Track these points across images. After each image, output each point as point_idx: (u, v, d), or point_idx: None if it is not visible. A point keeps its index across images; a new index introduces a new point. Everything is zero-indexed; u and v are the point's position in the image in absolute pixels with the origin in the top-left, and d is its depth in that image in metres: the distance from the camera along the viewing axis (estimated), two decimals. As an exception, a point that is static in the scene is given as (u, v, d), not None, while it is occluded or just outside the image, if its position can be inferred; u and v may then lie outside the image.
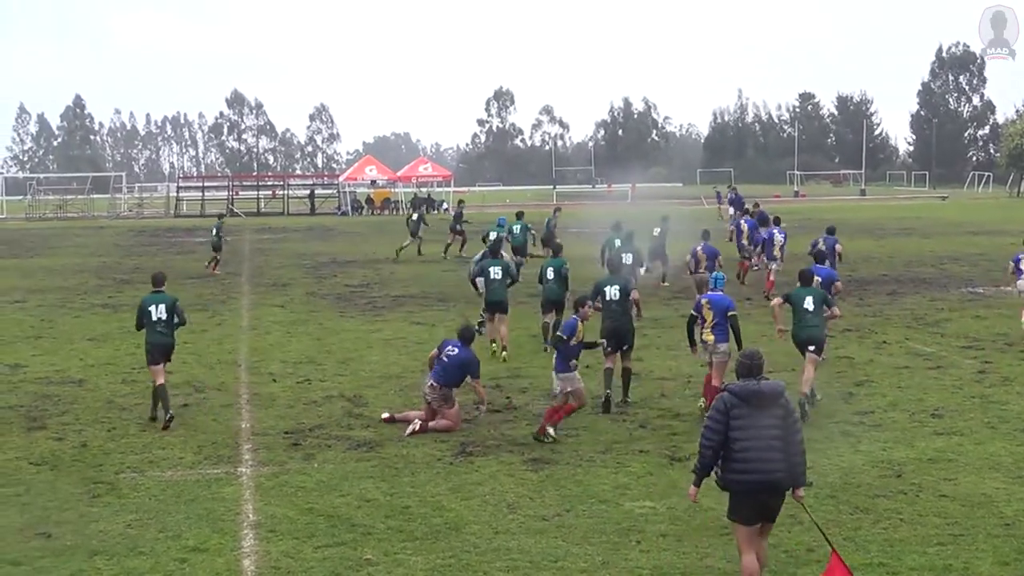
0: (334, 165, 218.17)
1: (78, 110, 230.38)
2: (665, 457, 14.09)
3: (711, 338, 16.08)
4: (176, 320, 16.77)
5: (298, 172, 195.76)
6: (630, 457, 14.13)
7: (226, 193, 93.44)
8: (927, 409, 16.57)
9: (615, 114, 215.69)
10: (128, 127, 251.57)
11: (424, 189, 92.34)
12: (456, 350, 15.97)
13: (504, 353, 21.15)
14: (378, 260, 42.71)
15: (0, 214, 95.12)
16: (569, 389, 15.28)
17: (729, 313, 16.13)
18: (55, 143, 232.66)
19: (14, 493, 12.95)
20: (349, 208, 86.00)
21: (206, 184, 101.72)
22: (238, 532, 11.55)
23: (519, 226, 35.50)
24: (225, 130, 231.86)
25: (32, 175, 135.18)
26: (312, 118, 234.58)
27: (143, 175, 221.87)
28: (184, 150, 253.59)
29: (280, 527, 11.65)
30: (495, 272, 21.85)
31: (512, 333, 22.64)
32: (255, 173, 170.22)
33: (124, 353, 22.17)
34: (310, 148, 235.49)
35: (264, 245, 52.89)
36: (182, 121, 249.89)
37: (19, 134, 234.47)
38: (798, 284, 16.82)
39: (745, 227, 33.62)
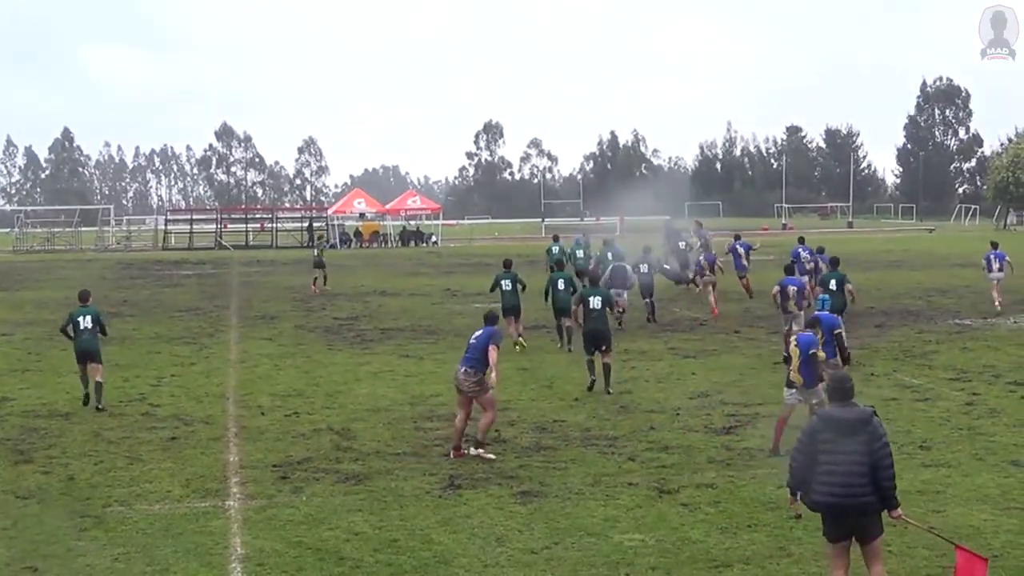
0: (323, 198, 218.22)
1: (67, 143, 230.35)
2: (654, 490, 14.08)
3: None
4: (99, 329, 20.71)
5: (287, 204, 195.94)
6: (619, 490, 14.12)
7: (214, 226, 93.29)
8: (915, 441, 16.59)
9: (603, 147, 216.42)
10: (117, 160, 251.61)
11: (413, 222, 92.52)
12: (480, 332, 16.45)
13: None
14: (367, 292, 42.70)
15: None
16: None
17: (835, 332, 16.99)
18: (43, 176, 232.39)
19: (0, 527, 12.90)
20: (338, 241, 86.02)
21: (195, 217, 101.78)
22: (226, 566, 11.52)
23: (581, 250, 38.96)
24: (214, 163, 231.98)
25: (20, 208, 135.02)
26: (301, 151, 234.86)
27: (131, 208, 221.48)
28: (173, 183, 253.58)
29: (268, 561, 11.61)
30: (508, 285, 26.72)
31: (501, 365, 22.69)
32: (244, 206, 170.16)
33: (111, 386, 22.05)
34: (299, 181, 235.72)
35: (252, 278, 52.86)
36: (170, 154, 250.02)
37: (6, 167, 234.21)
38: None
39: (742, 250, 37.73)
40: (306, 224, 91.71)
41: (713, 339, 28.11)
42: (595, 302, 21.06)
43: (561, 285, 26.41)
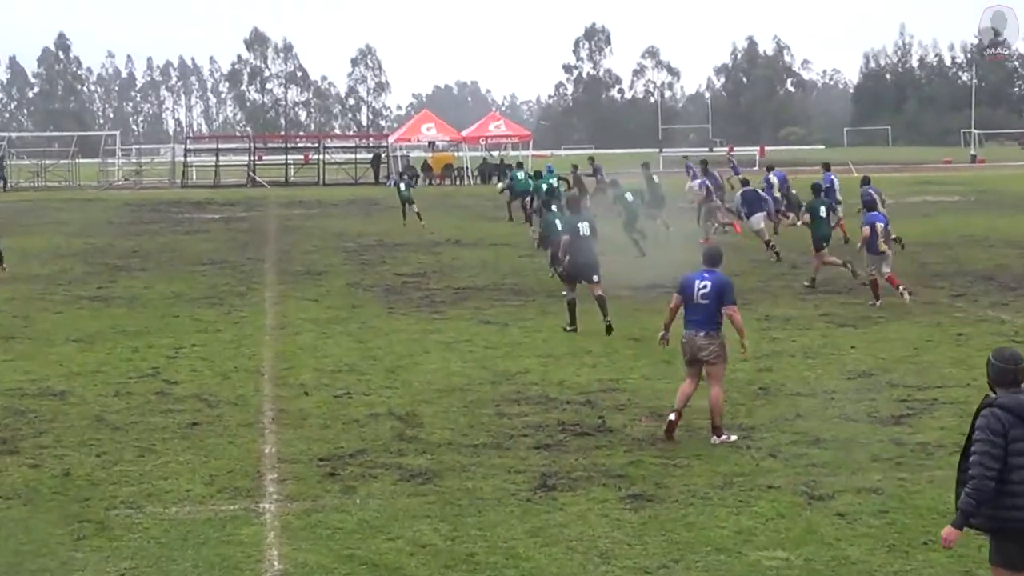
0: (382, 123, 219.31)
1: (60, 53, 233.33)
2: (801, 495, 14.00)
3: None
4: None
5: (336, 130, 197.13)
6: (756, 494, 14.05)
7: (246, 158, 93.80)
8: None
9: (737, 58, 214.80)
10: (123, 74, 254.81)
11: (496, 153, 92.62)
12: (707, 283, 16.39)
13: None
14: (437, 243, 42.86)
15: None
16: None
17: None
18: (31, 94, 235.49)
19: (-20, 533, 13.14)
20: (397, 177, 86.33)
21: (221, 146, 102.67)
22: (259, 584, 11.64)
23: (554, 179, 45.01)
24: (245, 78, 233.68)
25: (2, 134, 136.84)
26: (355, 63, 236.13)
27: (142, 135, 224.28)
28: (193, 104, 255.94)
29: (312, 578, 11.73)
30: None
31: (609, 337, 23.45)
32: (283, 133, 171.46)
33: (117, 358, 22.40)
34: (352, 101, 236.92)
35: (294, 222, 53.29)
36: (191, 67, 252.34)
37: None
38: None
39: (775, 180, 42.90)
40: (371, 157, 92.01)
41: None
42: (584, 229, 24.52)
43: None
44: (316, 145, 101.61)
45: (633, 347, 22.76)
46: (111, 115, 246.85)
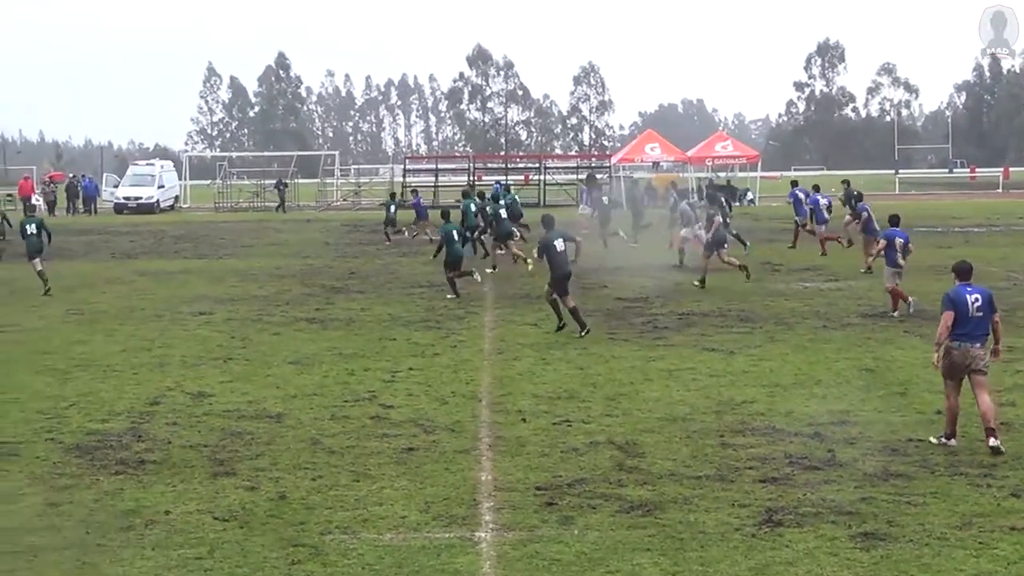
0: (605, 142, 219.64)
1: (281, 72, 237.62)
2: (1047, 537, 13.65)
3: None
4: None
5: (557, 150, 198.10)
6: (997, 536, 13.72)
7: (465, 177, 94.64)
8: None
9: (982, 74, 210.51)
10: (343, 93, 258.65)
11: (722, 174, 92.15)
12: (978, 295, 17.56)
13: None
14: (659, 266, 42.76)
15: (183, 203, 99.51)
16: None
17: None
18: (251, 114, 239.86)
19: (195, 555, 13.44)
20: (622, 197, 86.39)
21: (440, 166, 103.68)
22: (474, 615, 11.71)
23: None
24: (465, 96, 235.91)
25: (223, 154, 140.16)
26: (577, 82, 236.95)
27: (361, 155, 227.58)
28: (413, 122, 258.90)
29: (528, 610, 11.76)
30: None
31: (838, 364, 23.26)
32: (503, 152, 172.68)
33: (334, 381, 22.77)
34: (574, 120, 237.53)
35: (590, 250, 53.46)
36: (411, 85, 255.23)
37: (207, 102, 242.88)
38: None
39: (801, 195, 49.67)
40: (602, 175, 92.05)
41: None
42: (560, 244, 28.05)
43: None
44: (536, 165, 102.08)
45: (865, 378, 22.42)
46: (330, 134, 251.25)
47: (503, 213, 45.23)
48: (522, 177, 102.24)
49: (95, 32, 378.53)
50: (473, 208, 46.77)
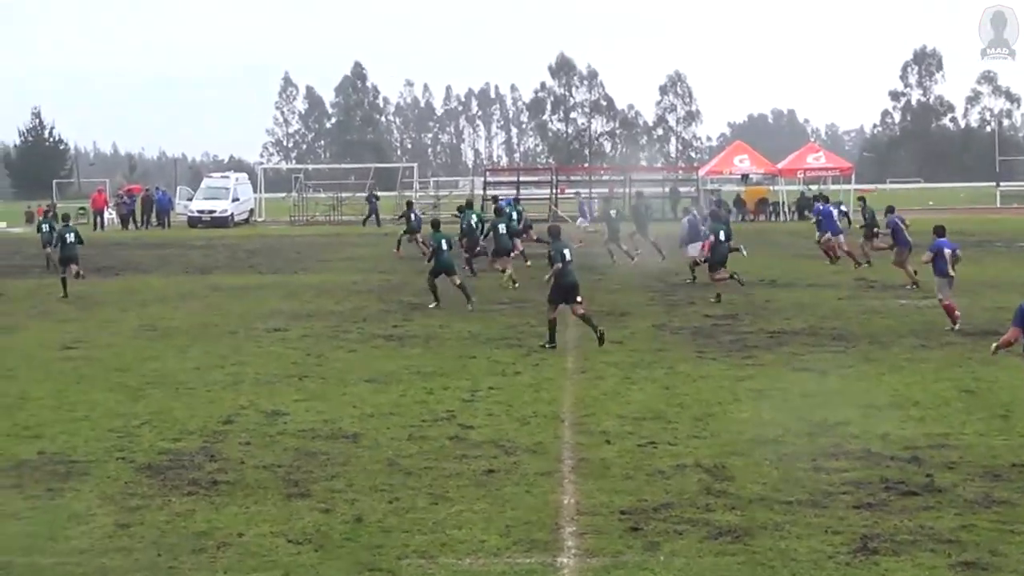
0: (692, 154, 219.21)
1: (358, 82, 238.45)
2: None
3: None
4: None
5: (643, 163, 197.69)
6: (1111, 569, 13.53)
7: (548, 190, 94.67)
8: None
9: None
10: (422, 103, 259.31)
11: (814, 187, 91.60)
12: None
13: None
14: (750, 283, 42.57)
15: (258, 217, 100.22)
16: None
17: None
18: (328, 125, 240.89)
19: (269, 579, 13.49)
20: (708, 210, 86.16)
21: (522, 179, 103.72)
22: (557, 644, 11.66)
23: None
24: (548, 107, 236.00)
25: (298, 166, 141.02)
26: (663, 91, 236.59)
27: (440, 167, 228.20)
28: (494, 134, 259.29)
29: (612, 640, 11.69)
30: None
31: (936, 385, 23.07)
32: (585, 165, 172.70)
33: (412, 400, 22.79)
34: (660, 131, 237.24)
35: (596, 260, 53.54)
36: (492, 96, 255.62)
37: (283, 113, 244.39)
38: None
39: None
40: (687, 189, 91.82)
41: None
42: (569, 255, 29.07)
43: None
44: (622, 178, 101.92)
45: (965, 399, 22.20)
46: (409, 146, 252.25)
47: (502, 228, 46.44)
48: (606, 189, 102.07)
49: (169, 43, 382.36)
50: (474, 221, 49.71)
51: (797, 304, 36.58)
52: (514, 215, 52.47)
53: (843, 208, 56.55)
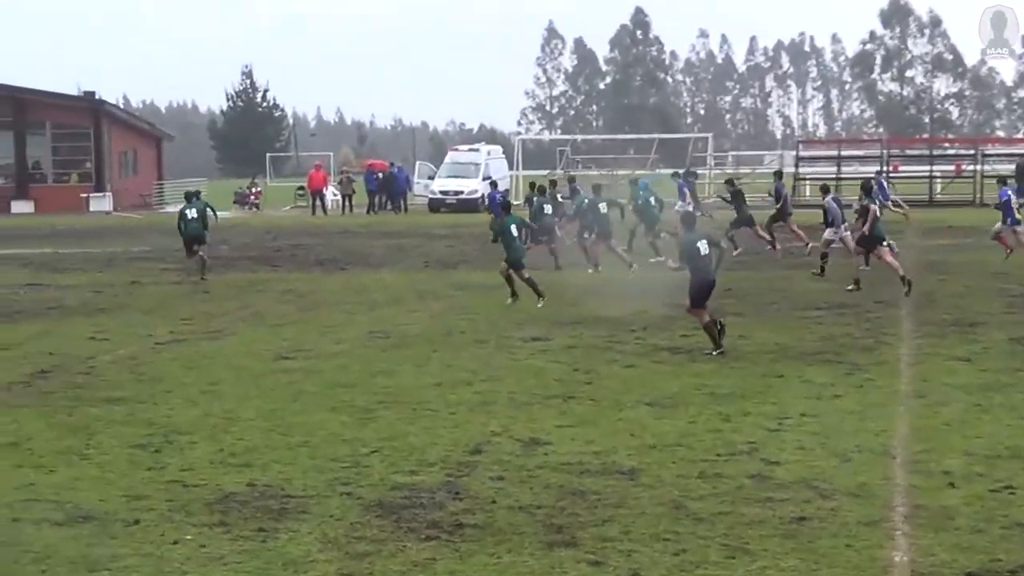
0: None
1: (639, 33, 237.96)
2: None
3: None
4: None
5: (999, 134, 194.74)
6: None
7: (877, 166, 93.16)
8: None
9: None
10: (718, 60, 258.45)
11: None
12: None
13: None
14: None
15: (514, 199, 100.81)
16: None
17: None
18: (601, 86, 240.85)
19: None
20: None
21: (843, 152, 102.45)
22: None
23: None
24: (877, 63, 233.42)
25: (564, 136, 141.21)
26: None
27: (741, 138, 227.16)
28: (810, 97, 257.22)
29: None
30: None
31: None
32: (926, 135, 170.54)
33: (703, 428, 22.71)
34: (1021, 93, 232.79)
35: (941, 255, 52.88)
36: (807, 49, 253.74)
37: (546, 72, 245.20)
38: None
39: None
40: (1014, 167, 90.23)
41: None
42: (704, 247, 30.64)
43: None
44: (972, 152, 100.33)
45: None
46: (701, 112, 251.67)
47: (547, 208, 52.63)
48: (952, 167, 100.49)
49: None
50: (547, 209, 53.08)
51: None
52: (651, 200, 55.18)
53: None
